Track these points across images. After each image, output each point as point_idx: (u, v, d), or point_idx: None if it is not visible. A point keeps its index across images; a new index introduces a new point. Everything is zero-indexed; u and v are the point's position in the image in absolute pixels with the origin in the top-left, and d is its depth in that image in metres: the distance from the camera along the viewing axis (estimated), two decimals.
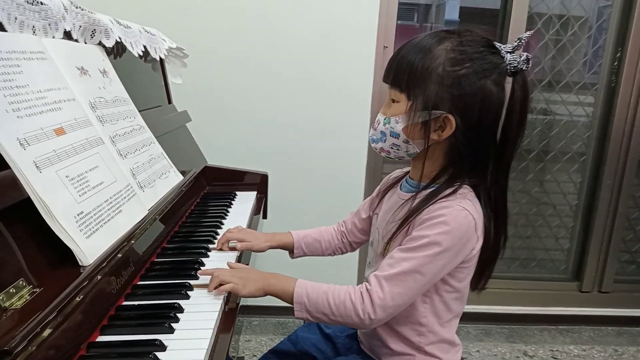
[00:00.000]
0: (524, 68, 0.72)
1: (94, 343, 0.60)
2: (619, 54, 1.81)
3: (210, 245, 0.93)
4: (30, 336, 0.48)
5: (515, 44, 0.73)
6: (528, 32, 0.74)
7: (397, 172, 0.91)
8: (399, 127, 0.74)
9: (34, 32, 0.73)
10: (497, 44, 0.73)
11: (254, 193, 1.31)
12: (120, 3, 1.53)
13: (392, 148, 0.77)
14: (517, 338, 1.90)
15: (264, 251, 0.96)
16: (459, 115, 0.70)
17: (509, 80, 0.73)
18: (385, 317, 0.72)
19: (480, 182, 0.75)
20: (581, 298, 2.00)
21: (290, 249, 0.98)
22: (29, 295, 0.53)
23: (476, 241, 0.73)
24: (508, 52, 0.72)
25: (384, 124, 0.77)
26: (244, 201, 1.25)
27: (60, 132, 0.67)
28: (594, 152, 1.92)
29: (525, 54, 0.72)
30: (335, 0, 1.59)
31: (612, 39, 1.82)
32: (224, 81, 1.64)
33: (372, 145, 0.81)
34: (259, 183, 1.36)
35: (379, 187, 0.93)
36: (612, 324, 1.99)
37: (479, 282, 0.80)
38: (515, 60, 0.71)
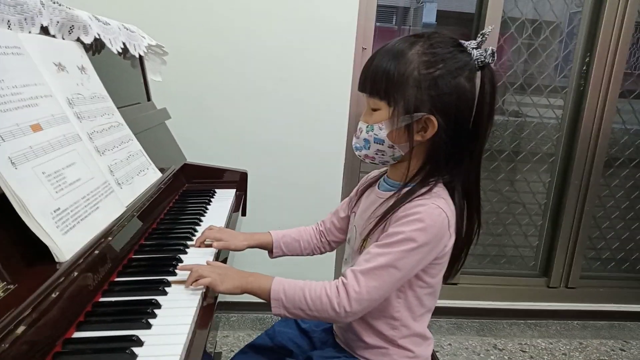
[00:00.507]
0: (490, 61, 0.75)
1: (70, 339, 0.60)
2: (587, 59, 1.88)
3: (189, 242, 0.93)
4: (3, 333, 0.48)
5: (479, 39, 0.76)
6: (490, 27, 0.78)
7: (375, 172, 0.93)
8: (383, 134, 0.76)
9: (9, 26, 0.73)
10: (463, 42, 0.76)
11: (233, 191, 1.32)
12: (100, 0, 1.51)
13: (377, 154, 0.79)
14: (487, 332, 1.96)
15: (242, 250, 0.96)
16: (440, 114, 0.73)
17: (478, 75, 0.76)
18: (360, 311, 0.74)
19: (454, 177, 0.78)
20: (549, 293, 2.08)
21: (269, 249, 0.99)
22: (2, 291, 0.52)
23: (449, 238, 0.76)
24: (474, 48, 0.75)
25: (367, 132, 0.78)
26: (223, 199, 1.25)
27: (36, 128, 0.67)
28: (562, 153, 1.99)
29: (491, 47, 0.75)
30: (315, 1, 1.61)
31: (582, 44, 1.88)
32: (204, 79, 1.64)
33: (356, 153, 0.82)
34: (238, 181, 1.36)
35: (357, 186, 0.95)
36: (578, 318, 2.07)
37: (450, 272, 0.83)
38: (482, 55, 0.74)
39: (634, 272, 2.17)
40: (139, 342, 0.60)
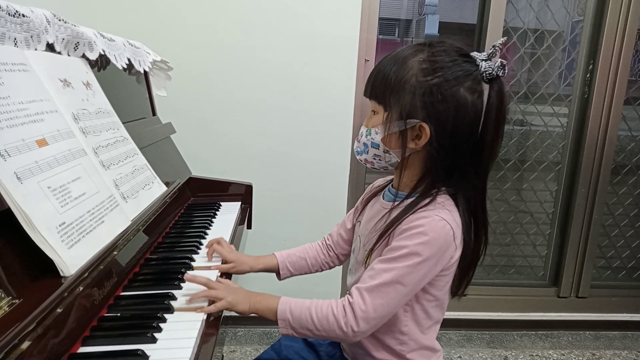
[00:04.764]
0: (499, 74, 0.72)
1: (75, 354, 0.60)
2: (591, 67, 1.88)
3: (195, 256, 0.93)
4: (8, 348, 0.48)
5: (490, 51, 0.74)
6: (501, 39, 0.76)
7: (380, 181, 0.92)
8: (378, 138, 0.76)
9: (15, 44, 0.74)
10: (473, 53, 0.75)
11: (239, 203, 1.32)
12: (105, 16, 1.54)
13: (374, 159, 0.79)
14: (497, 343, 1.93)
15: (246, 273, 0.95)
16: (433, 123, 0.72)
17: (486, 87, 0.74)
18: (368, 329, 0.73)
19: (458, 190, 0.76)
20: (559, 303, 2.04)
21: (275, 271, 0.97)
22: (7, 306, 0.52)
23: (455, 250, 0.74)
24: (483, 60, 0.73)
25: (366, 136, 0.78)
26: (229, 212, 1.25)
27: (42, 143, 0.68)
28: (568, 161, 1.98)
29: (500, 60, 0.73)
30: (318, 15, 1.62)
31: (585, 52, 1.88)
32: (209, 93, 1.65)
33: (357, 157, 0.82)
34: (243, 193, 1.36)
35: (362, 195, 0.94)
36: (590, 328, 2.03)
37: (459, 287, 0.81)
38: (490, 67, 0.72)
39: None
40: (145, 357, 0.60)
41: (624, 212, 2.08)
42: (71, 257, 0.63)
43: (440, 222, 0.71)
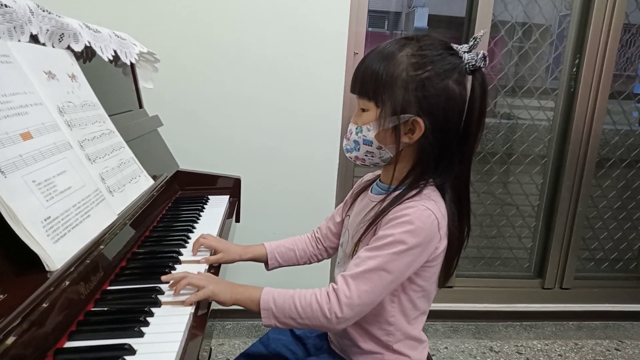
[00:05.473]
0: (481, 65, 0.74)
1: (61, 349, 0.59)
2: (577, 61, 1.90)
3: (183, 250, 0.93)
4: None
5: (471, 43, 0.75)
6: (481, 31, 0.78)
7: (369, 176, 0.93)
8: (371, 135, 0.77)
9: None
10: (455, 45, 0.76)
11: (227, 197, 1.31)
12: (91, 7, 1.51)
13: (366, 156, 0.79)
14: (483, 334, 1.96)
15: (235, 262, 0.95)
16: (426, 116, 0.73)
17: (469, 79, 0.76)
18: (352, 316, 0.73)
19: (445, 179, 0.77)
20: (543, 294, 2.09)
21: (264, 261, 0.98)
22: None
23: (439, 241, 0.75)
24: (465, 51, 0.75)
25: (356, 133, 0.78)
26: (217, 205, 1.25)
27: (26, 136, 0.67)
28: (554, 154, 2.01)
29: (482, 51, 0.74)
30: (307, 7, 1.61)
31: (571, 46, 1.91)
32: (196, 86, 1.64)
33: (347, 155, 0.82)
34: (231, 187, 1.36)
35: (352, 189, 0.95)
36: (573, 318, 2.08)
37: (445, 278, 0.82)
38: (473, 59, 0.74)
39: (628, 271, 2.19)
40: (132, 351, 0.59)
41: (608, 205, 2.12)
42: (57, 251, 0.62)
43: (425, 211, 0.73)
